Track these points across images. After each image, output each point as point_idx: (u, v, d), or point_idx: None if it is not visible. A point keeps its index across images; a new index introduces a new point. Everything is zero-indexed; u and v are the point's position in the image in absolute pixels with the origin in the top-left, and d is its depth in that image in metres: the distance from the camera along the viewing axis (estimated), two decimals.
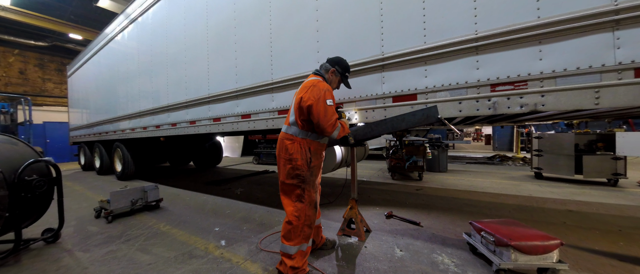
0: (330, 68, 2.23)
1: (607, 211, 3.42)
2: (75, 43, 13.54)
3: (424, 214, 3.40)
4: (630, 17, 1.53)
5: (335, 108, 2.27)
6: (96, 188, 5.94)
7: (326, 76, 2.22)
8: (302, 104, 1.97)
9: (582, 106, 1.67)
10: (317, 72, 2.24)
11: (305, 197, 2.00)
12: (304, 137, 2.03)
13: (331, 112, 1.97)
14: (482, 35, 1.93)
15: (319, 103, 1.93)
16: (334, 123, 1.97)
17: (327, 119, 1.94)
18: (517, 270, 1.96)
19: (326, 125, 1.94)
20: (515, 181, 5.49)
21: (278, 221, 3.23)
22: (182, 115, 4.59)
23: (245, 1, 3.46)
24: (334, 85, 2.27)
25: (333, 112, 1.99)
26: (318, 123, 1.95)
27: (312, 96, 1.95)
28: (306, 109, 1.95)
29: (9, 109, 10.60)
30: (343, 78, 2.29)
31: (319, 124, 1.95)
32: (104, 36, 6.98)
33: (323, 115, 1.93)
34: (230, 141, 13.25)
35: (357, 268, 2.11)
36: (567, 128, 7.56)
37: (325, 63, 2.27)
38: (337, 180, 5.99)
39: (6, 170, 2.30)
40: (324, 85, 2.04)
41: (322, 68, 2.26)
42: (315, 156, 2.06)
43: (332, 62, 2.25)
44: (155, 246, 2.62)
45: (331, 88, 2.13)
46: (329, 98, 1.98)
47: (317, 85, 2.01)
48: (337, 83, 2.30)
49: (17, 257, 2.43)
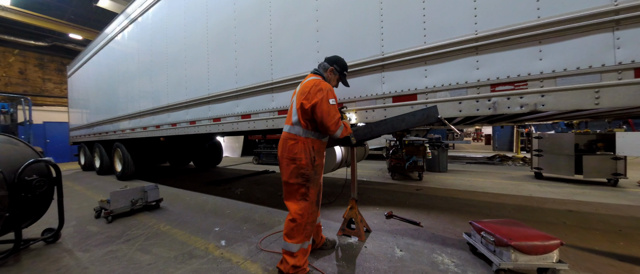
0: (329, 67, 2.24)
1: (607, 211, 3.42)
2: (75, 43, 13.54)
3: (424, 214, 3.40)
4: (630, 17, 1.53)
5: (339, 109, 2.29)
6: (96, 188, 5.94)
7: (325, 75, 2.23)
8: (306, 104, 1.99)
9: (582, 106, 1.67)
10: (316, 71, 2.25)
11: (310, 195, 2.03)
12: (307, 137, 2.05)
13: (334, 111, 1.99)
14: (482, 35, 1.93)
15: (322, 103, 1.96)
16: (337, 122, 1.99)
17: (331, 118, 1.96)
18: (517, 270, 1.96)
19: (330, 123, 1.96)
20: (515, 181, 5.49)
21: (278, 221, 3.23)
22: (182, 115, 4.59)
23: (245, 1, 3.46)
24: (333, 83, 2.28)
25: (336, 110, 2.01)
26: (322, 122, 1.97)
27: (316, 95, 1.97)
28: (310, 108, 1.97)
29: (9, 109, 10.60)
30: (341, 76, 2.30)
31: (322, 123, 1.97)
32: (104, 36, 6.98)
33: (327, 114, 1.95)
34: (230, 141, 13.25)
35: (357, 268, 2.11)
36: (567, 128, 7.56)
37: (323, 63, 2.28)
38: (337, 180, 5.99)
39: (6, 170, 2.30)
40: (327, 84, 2.05)
41: (320, 68, 2.27)
42: (318, 155, 2.09)
43: (331, 61, 2.26)
44: (156, 246, 2.62)
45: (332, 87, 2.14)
46: (332, 98, 2.00)
47: (319, 84, 2.02)
48: (335, 81, 2.31)
49: (17, 257, 2.43)
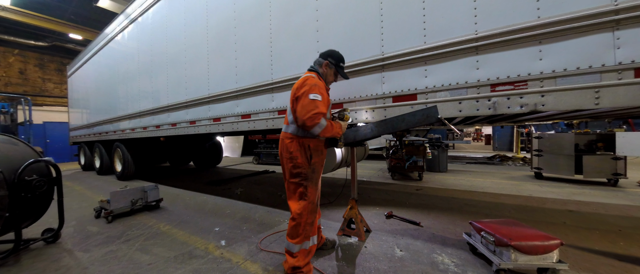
0: (323, 61, 2.20)
1: (607, 211, 3.42)
2: (75, 43, 13.53)
3: (424, 214, 3.40)
4: (630, 17, 1.53)
5: (340, 110, 2.28)
6: (96, 188, 5.94)
7: (320, 70, 2.19)
8: (292, 101, 2.00)
9: (582, 106, 1.67)
10: (311, 68, 2.23)
11: (308, 195, 2.01)
12: (303, 136, 2.03)
13: (312, 106, 1.88)
14: (482, 35, 1.93)
15: (302, 97, 1.92)
16: (312, 117, 1.86)
17: (305, 112, 1.87)
18: (517, 270, 1.96)
19: (303, 117, 1.87)
20: (515, 181, 5.49)
21: (278, 221, 3.23)
22: (182, 115, 4.59)
23: (245, 1, 3.46)
24: (330, 78, 2.24)
25: (314, 106, 1.89)
26: (296, 117, 1.94)
27: (299, 91, 1.96)
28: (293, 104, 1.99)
29: (9, 109, 10.61)
30: (338, 68, 2.22)
31: (297, 118, 1.93)
32: (104, 36, 6.98)
33: (301, 108, 1.90)
34: (230, 141, 13.25)
35: (357, 268, 2.11)
36: (567, 128, 7.56)
37: (318, 58, 2.25)
38: (337, 180, 5.99)
39: (6, 170, 2.30)
40: (313, 80, 2.01)
41: (315, 64, 2.23)
42: (315, 153, 2.05)
43: (324, 55, 2.22)
44: (155, 246, 2.62)
45: (323, 83, 2.09)
46: (313, 93, 1.92)
47: (306, 80, 2.00)
48: (333, 75, 2.25)
49: (17, 257, 2.43)
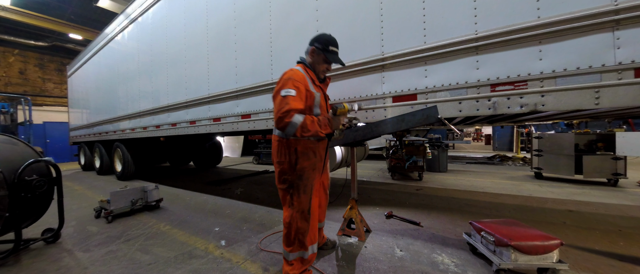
0: (310, 47, 1.99)
1: (607, 211, 3.42)
2: (75, 43, 13.54)
3: (424, 214, 3.40)
4: (630, 17, 1.53)
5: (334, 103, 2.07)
6: (96, 188, 5.94)
7: (308, 60, 2.00)
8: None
9: (582, 106, 1.67)
10: (299, 59, 2.04)
11: (294, 203, 1.80)
12: (286, 137, 1.81)
13: (282, 103, 1.67)
14: (482, 35, 1.93)
15: (276, 96, 1.73)
16: (282, 116, 1.64)
17: (275, 112, 1.69)
18: (517, 270, 1.96)
19: (275, 118, 1.68)
20: (515, 181, 5.49)
21: (278, 221, 3.23)
22: (182, 115, 4.59)
23: (245, 1, 3.46)
24: (321, 66, 1.99)
25: (285, 103, 1.66)
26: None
27: (275, 89, 1.76)
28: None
29: (9, 109, 10.62)
30: (327, 53, 1.94)
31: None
32: (104, 36, 6.98)
33: (275, 108, 1.71)
34: (230, 141, 13.25)
35: (357, 268, 2.11)
36: (567, 128, 7.56)
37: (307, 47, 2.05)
38: (337, 180, 5.98)
39: (6, 170, 2.30)
40: (290, 73, 1.80)
41: (304, 53, 2.05)
42: (303, 157, 1.81)
43: (311, 41, 2.01)
44: (156, 246, 2.62)
45: (302, 76, 1.82)
46: (286, 88, 1.70)
47: (284, 75, 1.80)
48: (323, 62, 1.98)
49: (17, 257, 2.43)
